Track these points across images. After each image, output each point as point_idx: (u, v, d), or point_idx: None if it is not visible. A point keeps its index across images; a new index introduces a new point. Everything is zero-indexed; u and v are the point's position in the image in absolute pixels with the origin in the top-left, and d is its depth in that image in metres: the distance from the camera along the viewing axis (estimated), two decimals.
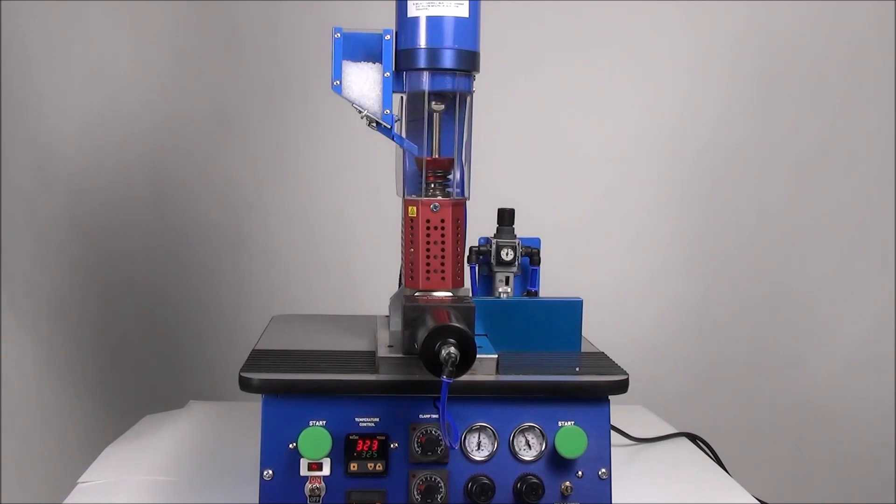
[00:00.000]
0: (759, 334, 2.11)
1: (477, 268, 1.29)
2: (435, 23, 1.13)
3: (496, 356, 1.11)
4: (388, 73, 1.15)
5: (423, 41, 1.14)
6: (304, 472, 1.07)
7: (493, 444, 1.10)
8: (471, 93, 1.20)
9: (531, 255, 1.29)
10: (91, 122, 1.93)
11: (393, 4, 1.17)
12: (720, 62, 2.02)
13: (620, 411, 1.32)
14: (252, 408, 1.27)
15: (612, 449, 1.12)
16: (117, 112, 1.94)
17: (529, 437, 1.10)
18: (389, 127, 1.15)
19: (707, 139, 2.04)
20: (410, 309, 1.10)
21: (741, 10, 2.00)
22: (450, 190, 1.21)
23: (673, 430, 1.59)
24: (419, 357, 0.99)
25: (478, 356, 1.00)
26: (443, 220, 1.18)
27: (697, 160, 2.05)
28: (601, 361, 1.19)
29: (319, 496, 1.07)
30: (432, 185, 1.20)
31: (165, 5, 1.91)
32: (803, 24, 2.01)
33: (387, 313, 1.31)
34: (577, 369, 1.15)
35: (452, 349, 0.97)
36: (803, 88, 2.04)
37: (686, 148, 2.04)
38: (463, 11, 1.14)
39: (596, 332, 1.33)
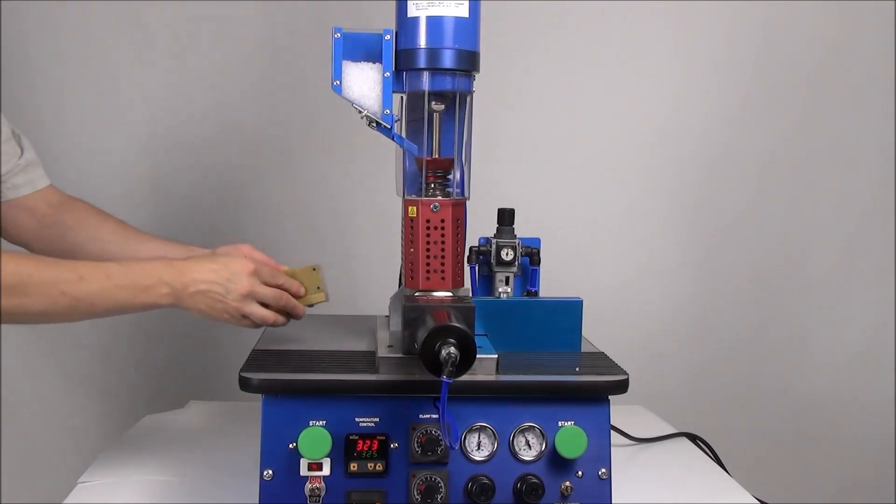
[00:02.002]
0: (760, 335, 2.11)
1: (477, 268, 1.29)
2: (435, 23, 1.13)
3: (496, 356, 1.11)
4: (388, 73, 1.15)
5: (423, 41, 1.14)
6: (304, 472, 1.08)
7: (493, 444, 1.10)
8: (471, 93, 1.20)
9: (531, 255, 1.29)
10: (90, 122, 1.93)
11: (393, 4, 1.17)
12: (720, 62, 2.02)
13: (620, 411, 1.32)
14: (252, 408, 1.27)
15: (612, 449, 1.12)
16: (116, 112, 1.93)
17: (529, 437, 1.10)
18: (389, 127, 1.15)
19: (707, 139, 2.04)
20: (410, 309, 1.10)
21: (741, 10, 2.00)
22: (450, 190, 1.21)
23: (673, 430, 1.59)
24: (419, 357, 0.99)
25: (478, 356, 1.00)
26: (443, 220, 1.18)
27: (697, 160, 2.05)
28: (601, 361, 1.19)
29: (319, 496, 1.07)
30: (432, 185, 1.21)
31: (166, 6, 1.91)
32: (803, 23, 2.01)
33: (387, 313, 1.31)
34: (577, 369, 1.15)
35: (452, 349, 0.97)
36: (803, 88, 2.04)
37: (686, 147, 2.04)
38: (463, 11, 1.14)
39: (596, 332, 1.33)
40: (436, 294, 1.19)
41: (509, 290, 1.28)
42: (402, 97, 1.20)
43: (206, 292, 1.12)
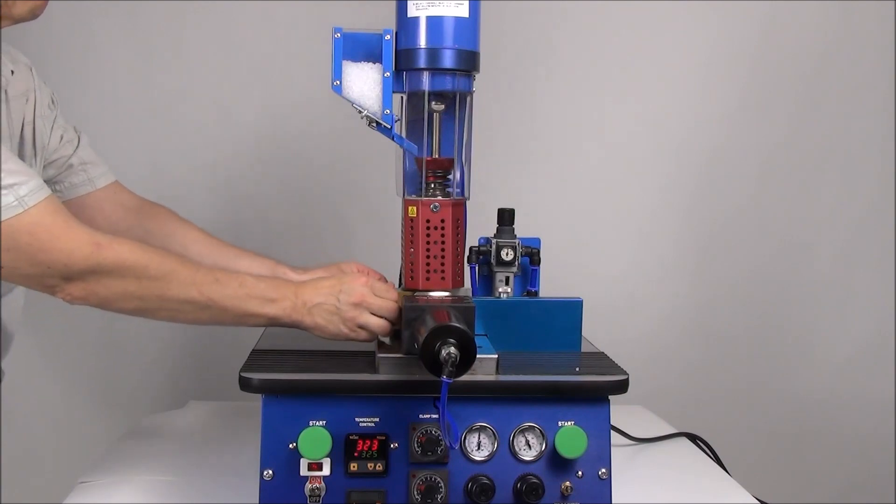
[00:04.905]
0: (759, 334, 2.11)
1: (477, 268, 1.29)
2: (435, 23, 1.13)
3: (496, 356, 1.11)
4: (388, 73, 1.15)
5: (423, 41, 1.14)
6: (304, 472, 1.08)
7: (493, 444, 1.10)
8: (471, 93, 1.20)
9: (531, 255, 1.29)
10: (89, 120, 1.93)
11: (393, 4, 1.17)
12: (721, 63, 2.02)
13: (620, 411, 1.32)
14: (252, 408, 1.27)
15: (612, 449, 1.12)
16: (115, 110, 1.93)
17: (529, 437, 1.10)
18: (389, 127, 1.15)
19: (707, 138, 2.04)
20: (410, 309, 1.10)
21: (741, 11, 2.00)
22: (450, 190, 1.21)
23: (673, 430, 1.59)
24: (419, 357, 1.00)
25: (478, 356, 1.00)
26: (443, 220, 1.18)
27: (697, 159, 2.05)
28: (601, 361, 1.19)
29: (319, 496, 1.07)
30: (432, 185, 1.21)
31: (165, 5, 1.91)
32: (802, 22, 2.01)
33: None
34: (577, 369, 1.15)
35: (452, 349, 0.97)
36: (803, 88, 2.04)
37: (685, 147, 2.04)
38: (463, 11, 1.14)
39: (596, 332, 1.33)
40: (436, 294, 1.19)
41: (509, 290, 1.28)
42: (402, 97, 1.20)
43: (322, 305, 1.14)
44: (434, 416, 1.09)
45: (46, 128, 1.28)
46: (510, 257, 1.27)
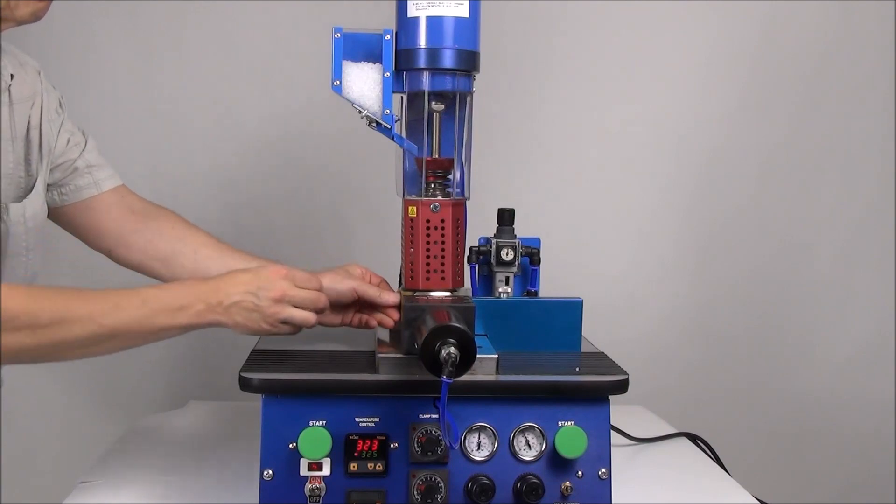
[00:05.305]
0: (760, 334, 2.11)
1: (477, 268, 1.29)
2: (435, 23, 1.14)
3: (496, 356, 1.11)
4: (388, 73, 1.15)
5: (423, 41, 1.14)
6: (304, 472, 1.08)
7: (493, 444, 1.10)
8: (471, 93, 1.20)
9: (531, 255, 1.29)
10: (89, 120, 1.92)
11: (393, 4, 1.17)
12: (721, 63, 2.02)
13: (620, 411, 1.32)
14: (252, 408, 1.27)
15: (612, 449, 1.12)
16: (116, 109, 1.93)
17: (529, 437, 1.10)
18: (389, 127, 1.15)
19: (707, 138, 2.04)
20: (410, 309, 1.10)
21: (741, 11, 2.00)
22: (450, 190, 1.21)
23: (673, 430, 1.59)
24: (419, 357, 1.00)
25: (478, 356, 1.00)
26: (443, 220, 1.18)
27: (697, 159, 2.05)
28: (601, 361, 1.19)
29: (319, 496, 1.07)
30: (432, 185, 1.21)
31: (165, 5, 1.91)
32: (803, 24, 2.01)
33: None
34: (577, 369, 1.15)
35: (452, 349, 0.97)
36: (803, 88, 2.04)
37: (686, 146, 2.04)
38: (463, 11, 1.14)
39: (596, 332, 1.33)
40: (435, 294, 1.19)
41: (509, 290, 1.28)
42: (402, 97, 1.20)
43: (240, 303, 1.08)
44: (434, 416, 1.09)
45: (53, 131, 1.28)
46: (510, 257, 1.27)
